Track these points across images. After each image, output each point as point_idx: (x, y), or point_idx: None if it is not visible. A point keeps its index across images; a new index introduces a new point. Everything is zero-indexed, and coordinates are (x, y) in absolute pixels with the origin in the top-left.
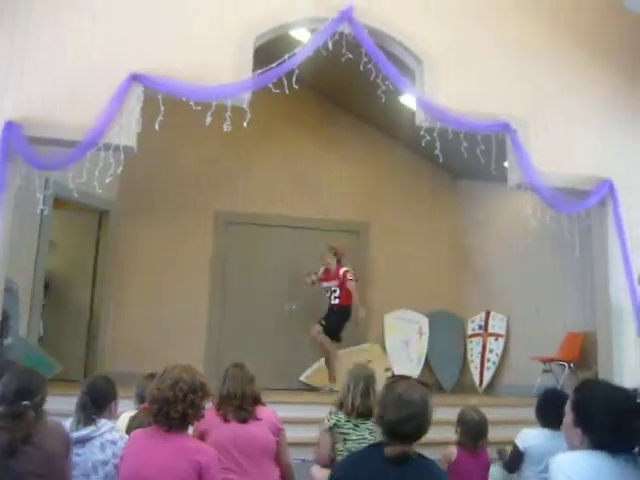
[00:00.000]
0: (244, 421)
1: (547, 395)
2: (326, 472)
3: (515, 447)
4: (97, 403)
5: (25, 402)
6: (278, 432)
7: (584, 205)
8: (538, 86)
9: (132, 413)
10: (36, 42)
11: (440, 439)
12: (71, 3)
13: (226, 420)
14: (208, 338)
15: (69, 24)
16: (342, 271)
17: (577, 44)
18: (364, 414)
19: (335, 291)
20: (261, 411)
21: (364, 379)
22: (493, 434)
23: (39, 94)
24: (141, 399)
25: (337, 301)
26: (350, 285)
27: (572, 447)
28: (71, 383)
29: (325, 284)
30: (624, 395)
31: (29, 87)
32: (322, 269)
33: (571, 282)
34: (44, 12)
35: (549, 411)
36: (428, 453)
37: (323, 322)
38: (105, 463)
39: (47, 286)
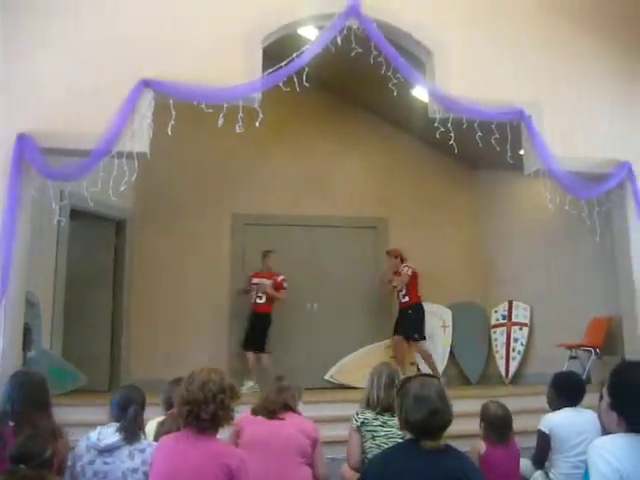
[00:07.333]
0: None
1: (558, 377)
2: (356, 474)
3: (540, 432)
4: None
5: (22, 465)
6: (314, 442)
7: (603, 189)
8: (551, 70)
9: (160, 419)
10: (44, 53)
11: (467, 431)
12: (78, 12)
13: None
14: (230, 340)
15: (76, 33)
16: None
17: (590, 27)
18: (389, 408)
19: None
20: (297, 419)
21: (387, 373)
22: (522, 423)
23: (50, 105)
24: (169, 405)
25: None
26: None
27: (610, 430)
28: (96, 393)
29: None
30: None
31: (39, 98)
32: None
33: (593, 267)
34: (51, 22)
35: (564, 391)
36: (456, 445)
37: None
38: (135, 471)
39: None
